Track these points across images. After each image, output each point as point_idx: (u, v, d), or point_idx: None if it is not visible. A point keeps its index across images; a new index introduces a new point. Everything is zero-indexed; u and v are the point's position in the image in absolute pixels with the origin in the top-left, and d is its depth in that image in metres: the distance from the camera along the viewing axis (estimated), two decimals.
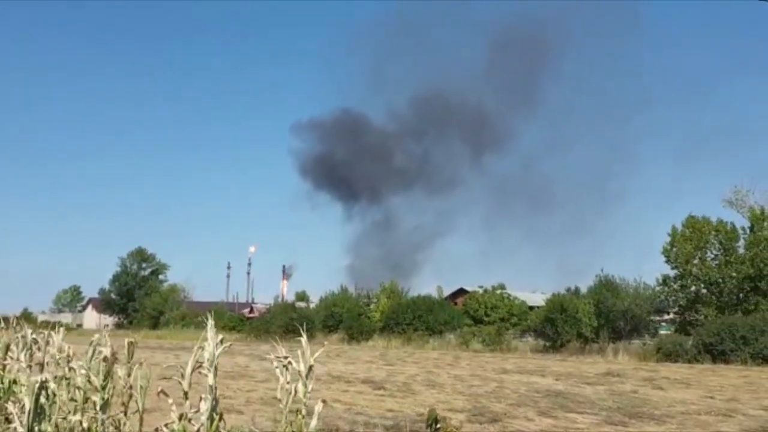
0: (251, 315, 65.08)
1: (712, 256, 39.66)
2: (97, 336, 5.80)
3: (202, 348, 4.58)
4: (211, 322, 4.96)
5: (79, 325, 77.61)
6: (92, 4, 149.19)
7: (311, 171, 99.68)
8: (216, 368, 4.50)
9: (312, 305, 62.17)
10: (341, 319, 49.74)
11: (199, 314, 60.63)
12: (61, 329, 6.31)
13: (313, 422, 4.78)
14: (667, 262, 40.41)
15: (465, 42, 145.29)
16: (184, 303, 66.52)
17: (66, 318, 79.82)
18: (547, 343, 38.97)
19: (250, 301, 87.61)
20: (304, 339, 4.89)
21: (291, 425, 4.83)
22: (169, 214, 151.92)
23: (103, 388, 4.59)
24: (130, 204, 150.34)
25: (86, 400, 5.34)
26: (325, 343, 5.45)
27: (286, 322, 49.72)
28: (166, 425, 4.73)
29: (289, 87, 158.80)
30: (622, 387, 19.01)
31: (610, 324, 39.38)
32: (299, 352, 4.89)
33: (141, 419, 5.52)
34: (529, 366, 26.54)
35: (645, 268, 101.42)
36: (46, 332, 6.52)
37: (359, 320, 49.84)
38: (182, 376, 4.51)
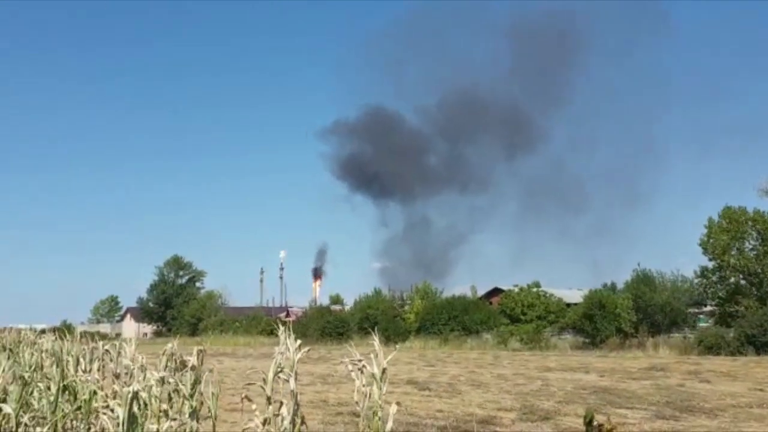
0: (288, 319, 65.52)
1: (750, 246, 39.11)
2: (169, 345, 5.99)
3: (282, 353, 4.71)
4: (282, 329, 5.09)
5: (118, 335, 78.66)
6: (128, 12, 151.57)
7: (344, 172, 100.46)
8: (296, 374, 4.63)
9: (347, 308, 62.44)
10: (376, 321, 49.81)
11: (236, 320, 61.26)
12: (133, 340, 6.50)
13: (389, 425, 4.89)
14: (704, 253, 39.96)
15: (491, 42, 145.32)
16: (222, 309, 67.10)
17: (105, 328, 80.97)
18: (587, 340, 38.72)
19: (284, 305, 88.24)
20: (376, 342, 5.00)
21: (369, 427, 4.94)
22: (200, 222, 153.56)
23: (191, 396, 4.75)
24: (162, 213, 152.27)
25: (159, 407, 5.52)
26: (397, 346, 5.54)
27: (322, 325, 50.05)
28: (244, 430, 4.88)
29: (316, 91, 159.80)
30: (667, 381, 18.87)
31: (649, 318, 39.04)
32: (372, 355, 5.00)
33: (214, 425, 5.69)
34: (571, 363, 26.41)
35: (679, 261, 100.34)
36: (117, 344, 6.73)
37: (394, 322, 49.90)
38: (264, 381, 4.65)
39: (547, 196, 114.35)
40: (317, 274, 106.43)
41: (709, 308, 42.59)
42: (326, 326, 49.79)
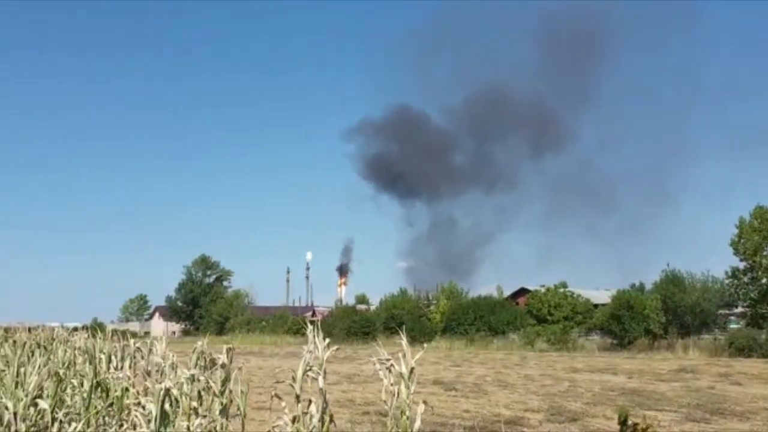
0: (314, 318, 65.81)
1: None
2: (199, 343, 6.05)
3: (311, 352, 4.73)
4: (311, 327, 5.11)
5: (147, 333, 79.36)
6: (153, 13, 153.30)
7: (370, 172, 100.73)
8: (325, 372, 4.66)
9: (372, 308, 62.53)
10: (402, 321, 49.83)
11: (262, 319, 61.68)
12: (163, 338, 6.56)
13: (417, 424, 4.89)
14: (735, 254, 39.35)
15: (519, 41, 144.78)
16: (248, 308, 67.57)
17: (134, 326, 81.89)
18: (614, 341, 38.36)
19: (309, 305, 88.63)
20: (404, 341, 5.00)
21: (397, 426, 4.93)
22: (228, 222, 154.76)
23: (222, 393, 4.81)
24: (191, 213, 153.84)
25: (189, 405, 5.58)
26: (425, 345, 5.57)
27: (348, 324, 50.21)
28: (274, 427, 4.92)
29: (343, 90, 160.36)
30: (697, 383, 18.63)
31: (678, 319, 38.57)
32: (400, 354, 5.00)
33: (243, 423, 5.74)
34: (598, 364, 26.20)
35: (709, 261, 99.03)
36: (148, 341, 6.80)
37: (420, 322, 49.87)
38: (293, 379, 4.68)
39: (574, 196, 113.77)
40: (343, 270, 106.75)
41: (740, 309, 41.95)
42: (352, 326, 49.96)
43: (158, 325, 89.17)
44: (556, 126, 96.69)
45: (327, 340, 4.80)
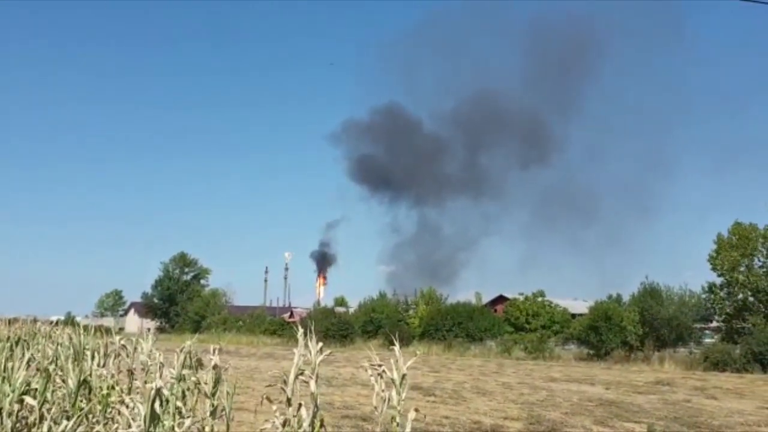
0: (291, 320, 65.46)
1: (760, 263, 38.91)
2: (188, 343, 5.97)
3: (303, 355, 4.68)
4: (301, 331, 5.07)
5: (121, 329, 78.32)
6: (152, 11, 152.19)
7: (355, 175, 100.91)
8: (317, 376, 4.61)
9: (351, 311, 62.35)
10: (380, 324, 49.79)
11: (239, 319, 61.23)
12: (150, 336, 6.46)
13: (407, 430, 4.87)
14: (713, 269, 39.76)
15: (508, 50, 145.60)
16: (226, 308, 66.99)
17: (108, 322, 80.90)
18: (591, 352, 38.57)
19: (287, 305, 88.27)
20: (397, 348, 4.97)
21: None
22: (208, 220, 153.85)
23: (213, 395, 4.75)
24: (172, 210, 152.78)
25: (174, 406, 5.50)
26: (417, 352, 5.56)
27: (326, 327, 49.97)
28: (261, 430, 4.87)
29: (330, 93, 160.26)
30: (674, 396, 18.78)
31: (655, 332, 38.86)
32: (392, 360, 4.97)
33: (228, 425, 5.68)
34: (575, 374, 26.32)
35: (687, 274, 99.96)
36: (134, 339, 6.70)
37: (398, 326, 49.80)
38: (285, 382, 4.63)
39: (558, 206, 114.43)
40: (320, 256, 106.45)
41: (715, 324, 42.39)
42: (330, 328, 49.72)
43: (133, 322, 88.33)
44: (542, 136, 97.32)
45: (320, 344, 4.76)
